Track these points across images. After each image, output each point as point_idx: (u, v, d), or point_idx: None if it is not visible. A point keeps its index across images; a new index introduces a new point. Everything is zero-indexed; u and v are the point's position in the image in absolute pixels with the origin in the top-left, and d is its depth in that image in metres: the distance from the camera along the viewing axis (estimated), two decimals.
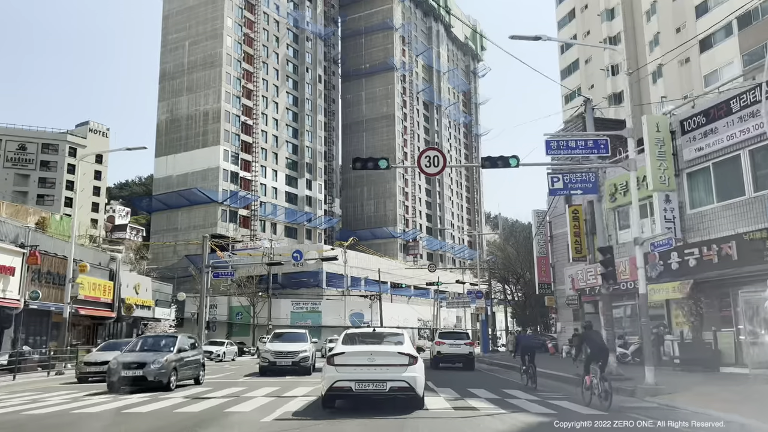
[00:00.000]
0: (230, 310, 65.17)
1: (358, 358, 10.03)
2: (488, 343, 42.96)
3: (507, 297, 50.16)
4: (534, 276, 44.64)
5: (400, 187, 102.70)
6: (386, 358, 10.07)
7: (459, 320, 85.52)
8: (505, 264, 47.99)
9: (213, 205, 72.91)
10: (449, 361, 25.42)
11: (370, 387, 9.79)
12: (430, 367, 24.15)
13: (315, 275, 65.17)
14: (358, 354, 10.18)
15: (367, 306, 64.40)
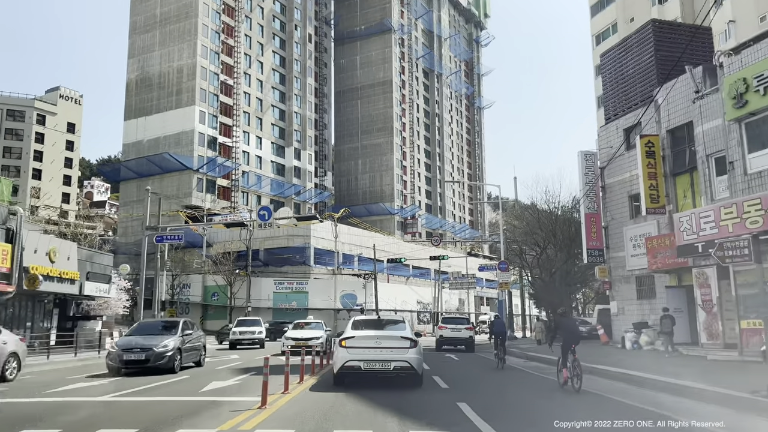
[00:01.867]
0: (205, 290, 57.40)
1: (366, 342, 11.35)
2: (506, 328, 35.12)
3: (526, 275, 42.40)
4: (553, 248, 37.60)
5: (398, 159, 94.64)
6: (390, 341, 11.43)
7: (462, 303, 78.11)
8: (525, 234, 40.15)
9: (187, 173, 64.82)
10: (452, 344, 26.95)
11: (377, 366, 11.14)
12: (435, 350, 26.49)
13: (302, 251, 57.38)
14: (366, 338, 11.48)
15: (360, 286, 56.71)
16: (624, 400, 9.75)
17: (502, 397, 11.08)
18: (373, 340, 11.32)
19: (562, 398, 10.34)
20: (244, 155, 72.27)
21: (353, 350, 11.24)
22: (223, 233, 58.13)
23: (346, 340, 11.42)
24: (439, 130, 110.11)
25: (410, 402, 9.75)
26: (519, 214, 40.56)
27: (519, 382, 13.95)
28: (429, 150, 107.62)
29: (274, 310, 54.57)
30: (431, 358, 21.15)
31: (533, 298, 45.40)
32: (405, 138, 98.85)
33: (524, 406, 9.99)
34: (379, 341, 11.31)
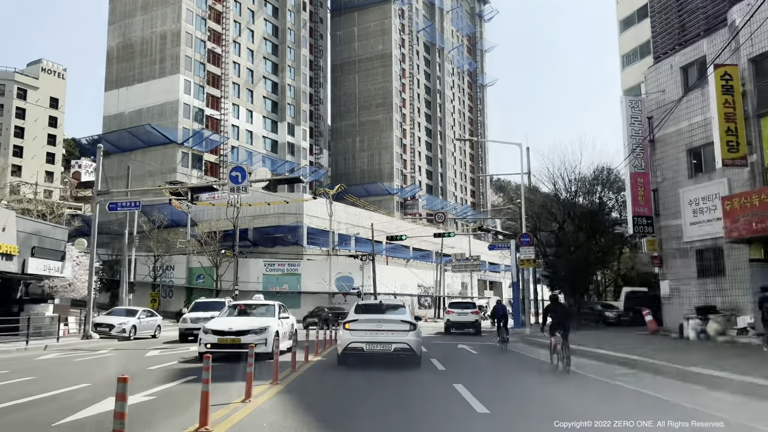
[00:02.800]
0: (189, 272, 53.21)
1: (369, 324, 12.01)
2: (521, 314, 30.96)
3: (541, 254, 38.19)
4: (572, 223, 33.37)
5: (397, 137, 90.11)
6: (392, 324, 12.06)
7: (464, 287, 74.09)
8: (541, 209, 35.85)
9: (171, 147, 60.36)
10: (459, 327, 28.18)
11: (378, 348, 11.75)
12: (443, 333, 27.86)
13: (294, 231, 53.14)
14: (369, 321, 12.13)
15: (357, 268, 52.58)
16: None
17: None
18: (375, 323, 11.93)
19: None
20: (233, 129, 67.77)
21: (356, 332, 11.84)
22: (209, 211, 53.88)
23: (349, 323, 12.04)
24: (440, 107, 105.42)
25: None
26: (533, 188, 36.23)
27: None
28: (430, 128, 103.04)
29: (264, 294, 50.29)
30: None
31: (548, 280, 41.27)
32: (405, 115, 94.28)
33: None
34: (380, 324, 11.90)
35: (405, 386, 9.74)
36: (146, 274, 53.82)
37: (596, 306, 29.91)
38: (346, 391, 9.61)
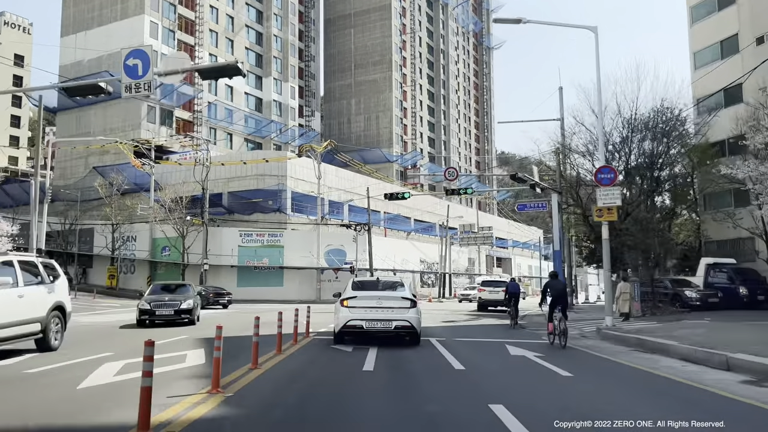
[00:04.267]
0: (153, 244, 45.39)
1: (368, 302, 11.63)
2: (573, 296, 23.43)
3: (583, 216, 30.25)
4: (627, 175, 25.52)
5: (397, 99, 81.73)
6: (392, 301, 11.71)
7: (471, 263, 66.55)
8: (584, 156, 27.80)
9: (135, 100, 52.00)
10: (492, 305, 28.07)
11: (378, 325, 11.45)
12: (477, 311, 28.28)
13: (276, 196, 45.20)
14: (369, 298, 11.74)
15: (350, 240, 44.82)
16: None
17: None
18: (375, 300, 11.61)
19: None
20: (210, 83, 59.34)
21: (355, 310, 11.48)
22: (176, 174, 45.84)
23: (348, 300, 11.63)
24: (444, 69, 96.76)
25: None
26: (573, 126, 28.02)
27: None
28: (433, 91, 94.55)
29: (240, 269, 42.81)
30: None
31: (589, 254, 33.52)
32: (406, 75, 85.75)
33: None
34: (380, 301, 11.60)
35: None
36: (104, 246, 46.10)
37: (667, 283, 22.12)
38: None
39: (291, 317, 13.04)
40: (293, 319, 12.92)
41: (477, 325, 18.88)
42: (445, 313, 25.07)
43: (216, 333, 7.06)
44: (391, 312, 11.41)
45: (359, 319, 11.33)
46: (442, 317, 21.78)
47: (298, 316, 13.11)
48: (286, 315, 12.30)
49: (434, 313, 24.90)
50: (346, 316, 11.46)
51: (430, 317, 21.02)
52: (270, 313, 17.07)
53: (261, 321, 9.16)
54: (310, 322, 14.42)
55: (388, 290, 12.30)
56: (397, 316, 11.37)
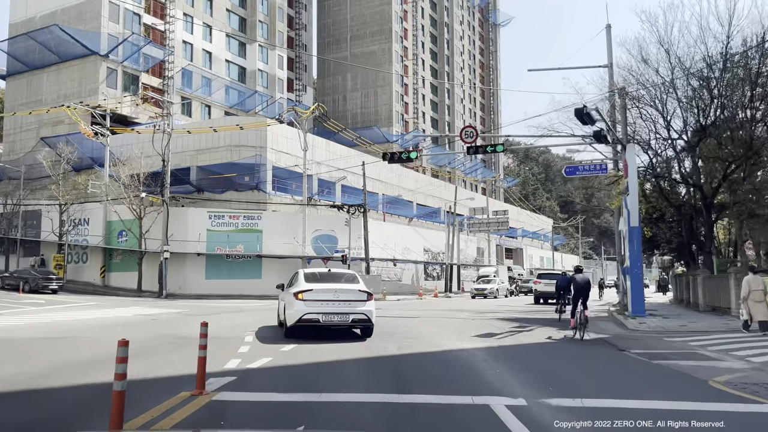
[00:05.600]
0: (108, 227, 38.23)
1: (325, 294, 11.25)
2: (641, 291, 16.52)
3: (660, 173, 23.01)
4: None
5: (397, 73, 74.41)
6: (349, 294, 11.40)
7: (480, 253, 59.52)
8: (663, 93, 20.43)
9: (92, 60, 44.86)
10: (548, 297, 27.69)
11: (336, 319, 11.18)
12: (533, 303, 28.42)
13: (253, 171, 38.03)
14: (325, 291, 11.34)
15: (341, 224, 37.70)
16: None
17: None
18: (332, 293, 11.27)
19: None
20: (184, 47, 52.08)
21: (311, 303, 11.10)
22: (139, 146, 38.48)
23: (303, 293, 11.19)
24: (448, 45, 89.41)
25: None
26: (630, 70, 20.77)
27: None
28: (436, 68, 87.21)
29: (209, 258, 35.69)
30: None
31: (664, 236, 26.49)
32: (407, 49, 78.37)
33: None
34: (337, 294, 11.28)
35: None
36: (51, 230, 38.98)
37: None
38: None
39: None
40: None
41: (545, 344, 11.82)
42: (466, 317, 17.95)
43: None
44: (348, 305, 11.21)
45: (315, 312, 11.02)
46: (467, 324, 14.77)
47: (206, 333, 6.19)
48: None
49: (451, 316, 17.88)
50: (302, 309, 11.10)
51: (448, 324, 14.05)
52: (190, 326, 10.05)
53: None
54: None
55: (344, 282, 11.89)
56: (354, 309, 11.21)
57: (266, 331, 12.69)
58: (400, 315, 17.75)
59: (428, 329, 12.73)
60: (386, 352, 9.56)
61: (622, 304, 21.10)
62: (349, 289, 11.48)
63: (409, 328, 12.98)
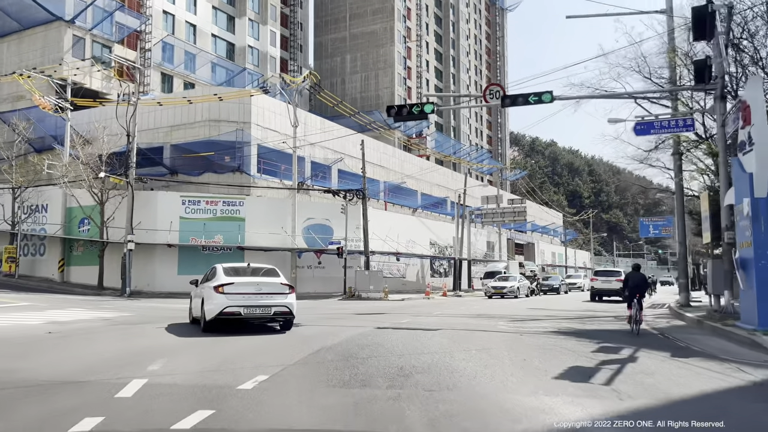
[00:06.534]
0: (68, 215, 33.20)
1: (247, 288, 11.17)
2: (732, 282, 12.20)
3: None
4: None
5: (399, 54, 69.31)
6: (271, 287, 11.37)
7: (491, 247, 54.53)
8: None
9: (56, 27, 39.83)
10: (605, 294, 27.87)
11: (258, 312, 11.16)
12: (589, 300, 27.58)
13: (235, 150, 32.97)
14: (247, 284, 11.26)
15: (337, 213, 32.63)
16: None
17: None
18: (254, 287, 11.23)
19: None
20: (165, 18, 47.00)
21: (233, 296, 10.97)
22: (106, 123, 33.38)
23: (224, 286, 11.01)
24: (453, 27, 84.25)
25: None
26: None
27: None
28: (441, 51, 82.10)
29: (182, 249, 30.68)
30: None
31: None
32: (410, 30, 73.23)
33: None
34: (260, 287, 11.24)
35: None
36: (2, 218, 33.95)
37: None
38: None
39: None
40: None
41: (718, 397, 6.81)
42: (508, 329, 12.76)
43: None
44: (271, 298, 11.16)
45: (237, 305, 10.92)
46: (520, 344, 9.70)
47: None
48: None
49: (483, 327, 12.84)
50: (223, 303, 10.88)
51: (491, 344, 9.11)
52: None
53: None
54: None
55: (265, 276, 11.84)
56: (276, 302, 11.18)
57: (185, 356, 7.75)
58: (412, 326, 12.71)
59: (468, 362, 7.65)
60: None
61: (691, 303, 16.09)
62: (272, 282, 11.42)
63: (433, 356, 7.94)
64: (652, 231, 52.90)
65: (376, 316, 16.49)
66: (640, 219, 57.00)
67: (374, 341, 9.58)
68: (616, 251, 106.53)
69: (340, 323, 13.65)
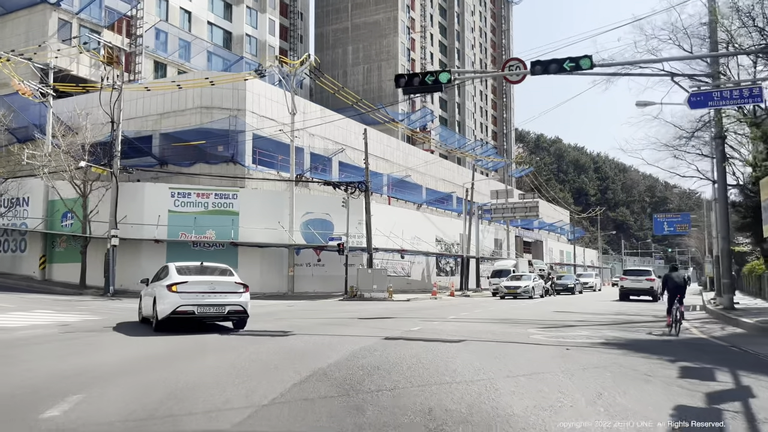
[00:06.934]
0: (50, 208, 31.02)
1: (201, 286, 10.99)
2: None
3: None
4: None
5: (403, 45, 67.03)
6: (226, 286, 11.28)
7: (498, 245, 52.29)
8: None
9: (41, 9, 37.62)
10: (634, 294, 28.37)
11: (212, 310, 10.96)
12: (618, 300, 27.51)
13: (228, 139, 30.75)
14: (201, 283, 11.08)
15: (338, 207, 30.42)
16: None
17: None
18: (208, 285, 11.09)
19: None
20: (158, 4, 44.76)
21: (186, 295, 10.78)
22: (94, 111, 31.17)
23: (178, 285, 10.85)
24: (458, 18, 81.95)
25: None
26: None
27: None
28: (446, 44, 79.80)
29: (171, 246, 28.50)
30: None
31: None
32: (414, 20, 70.92)
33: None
34: (213, 286, 11.12)
35: None
36: None
37: None
38: None
39: None
40: None
41: None
42: (546, 340, 10.55)
43: None
44: (225, 296, 11.04)
45: (191, 304, 10.72)
46: (570, 363, 7.52)
47: None
48: None
49: (514, 337, 10.67)
50: (176, 301, 10.67)
51: (535, 364, 6.91)
52: None
53: None
54: None
55: (219, 275, 11.70)
56: (231, 301, 11.05)
57: (117, 387, 5.57)
58: (427, 335, 10.45)
59: (522, 398, 5.20)
60: None
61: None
62: (226, 281, 11.35)
63: (469, 388, 5.54)
64: (666, 228, 50.63)
65: (382, 321, 14.28)
66: (654, 216, 54.76)
67: (384, 361, 7.36)
68: (625, 249, 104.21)
69: (341, 332, 11.44)
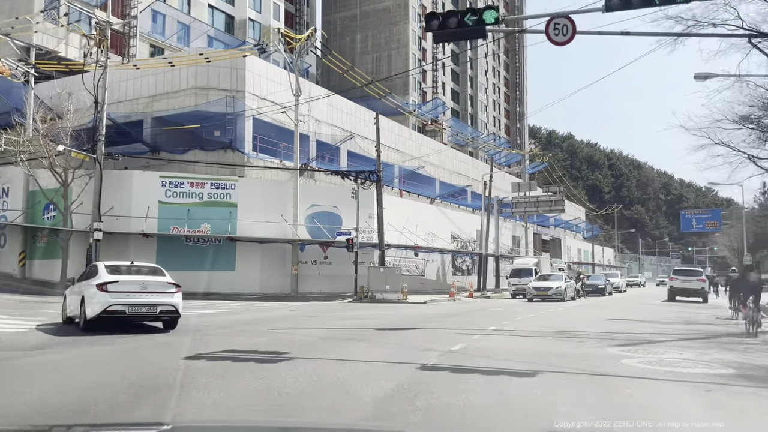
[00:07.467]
0: (31, 199, 28.25)
1: (133, 286, 10.88)
2: None
3: None
4: None
5: (414, 33, 64.01)
6: (157, 286, 11.15)
7: (516, 242, 49.22)
8: None
9: None
10: (683, 295, 27.95)
11: (143, 310, 10.88)
12: (667, 300, 27.11)
13: (226, 123, 27.86)
14: (133, 283, 10.99)
15: (346, 198, 27.44)
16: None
17: None
18: (140, 285, 10.99)
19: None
20: None
21: (117, 294, 10.66)
22: (82, 95, 28.37)
23: (108, 284, 10.71)
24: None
25: None
26: None
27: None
28: None
29: (161, 240, 25.67)
30: None
31: None
32: (425, 7, 67.82)
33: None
34: (145, 286, 11.01)
35: None
36: None
37: None
38: None
39: None
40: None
41: None
42: (637, 364, 7.48)
43: None
44: (157, 297, 10.91)
45: (122, 303, 10.60)
46: (714, 414, 4.70)
47: None
48: None
49: (600, 367, 7.66)
50: (107, 301, 10.54)
51: (627, 403, 3.85)
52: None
53: None
54: None
55: (150, 275, 11.56)
56: (162, 301, 10.93)
57: None
58: (478, 362, 7.42)
59: None
60: None
61: None
62: (157, 281, 11.22)
63: None
64: (695, 225, 47.57)
65: (406, 333, 11.35)
66: (681, 212, 51.64)
67: (432, 423, 4.39)
68: (643, 249, 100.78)
69: (355, 354, 8.48)
